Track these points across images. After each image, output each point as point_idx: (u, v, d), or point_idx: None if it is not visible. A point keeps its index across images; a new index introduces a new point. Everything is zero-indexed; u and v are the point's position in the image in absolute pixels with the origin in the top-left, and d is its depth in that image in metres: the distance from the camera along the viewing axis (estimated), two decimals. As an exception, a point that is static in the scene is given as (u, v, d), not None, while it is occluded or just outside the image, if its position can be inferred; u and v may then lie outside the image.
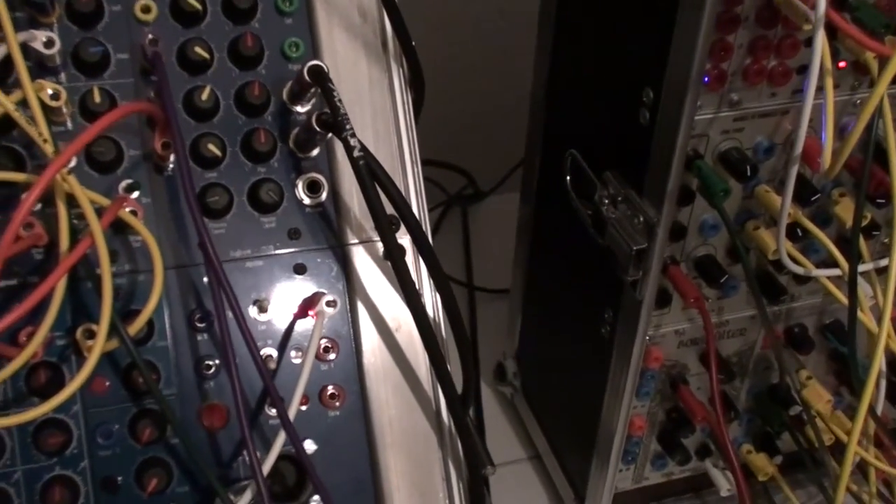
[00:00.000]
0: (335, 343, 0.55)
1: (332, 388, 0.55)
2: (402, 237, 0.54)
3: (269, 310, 0.54)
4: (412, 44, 0.58)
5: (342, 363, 0.55)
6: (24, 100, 0.48)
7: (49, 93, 0.50)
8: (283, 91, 0.55)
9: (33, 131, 0.46)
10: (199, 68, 0.54)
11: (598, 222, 0.64)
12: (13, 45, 0.47)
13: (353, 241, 0.56)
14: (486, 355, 0.96)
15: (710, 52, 0.53)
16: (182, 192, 0.51)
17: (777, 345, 0.68)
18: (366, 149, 0.50)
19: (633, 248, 0.59)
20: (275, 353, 0.54)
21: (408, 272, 0.51)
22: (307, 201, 0.56)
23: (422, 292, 0.57)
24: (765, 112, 0.58)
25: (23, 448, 0.50)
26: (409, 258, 0.56)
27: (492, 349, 0.95)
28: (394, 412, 0.56)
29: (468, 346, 0.56)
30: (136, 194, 0.53)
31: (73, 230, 0.48)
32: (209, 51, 0.54)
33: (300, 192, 0.56)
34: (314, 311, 0.54)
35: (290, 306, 0.55)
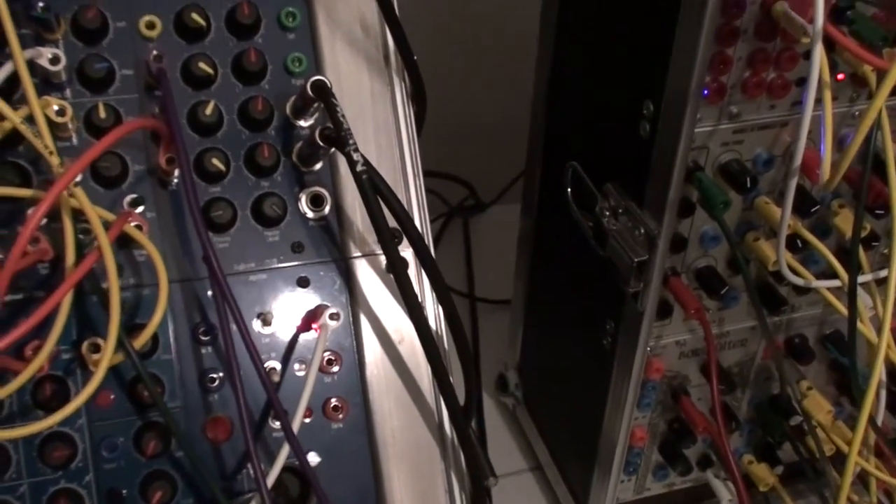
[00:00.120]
0: (338, 356, 0.55)
1: (335, 401, 0.55)
2: (404, 250, 0.55)
3: (273, 323, 0.55)
4: (414, 58, 0.58)
5: (345, 376, 0.56)
6: (31, 116, 0.48)
7: (55, 109, 0.50)
8: (287, 106, 0.56)
9: (40, 144, 0.46)
10: (202, 84, 0.55)
11: (599, 234, 0.64)
12: (20, 63, 0.47)
13: (356, 254, 0.57)
14: (487, 366, 0.96)
15: (710, 65, 0.54)
16: (187, 207, 0.52)
17: (777, 355, 0.69)
18: (368, 163, 0.50)
19: (635, 260, 0.60)
20: (278, 365, 0.54)
21: (410, 285, 0.51)
22: (310, 215, 0.56)
23: (424, 305, 0.57)
24: (764, 124, 0.58)
25: (28, 461, 0.51)
26: (411, 270, 0.56)
27: (493, 360, 0.95)
28: (396, 424, 0.56)
29: (470, 358, 0.56)
30: (140, 209, 0.53)
31: (78, 245, 0.48)
32: (213, 66, 0.55)
33: (303, 206, 0.56)
34: (317, 324, 0.54)
35: (294, 319, 0.55)
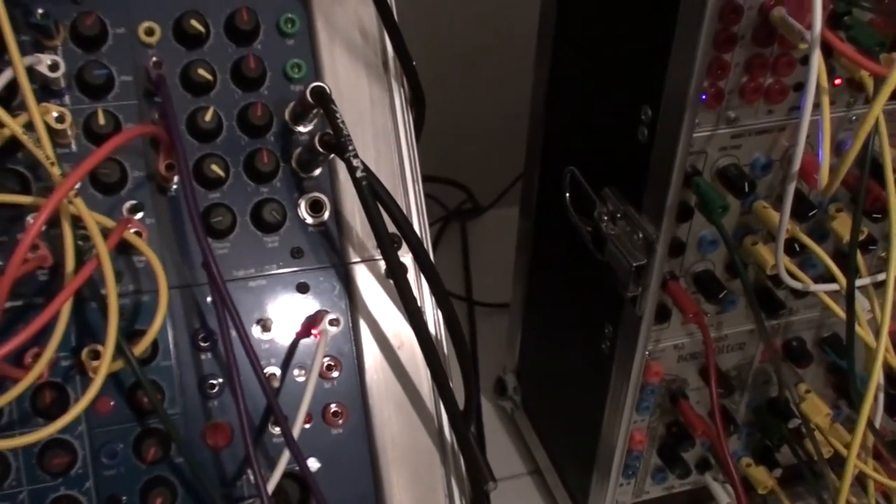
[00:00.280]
0: (338, 361, 0.55)
1: (335, 406, 0.55)
2: (403, 255, 0.55)
3: (273, 329, 0.55)
4: (413, 63, 0.58)
5: (345, 381, 0.56)
6: (30, 122, 0.48)
7: (54, 115, 0.50)
8: (286, 112, 0.56)
9: (41, 154, 0.46)
10: (202, 90, 0.55)
11: (597, 238, 0.64)
12: (20, 70, 0.47)
13: (356, 259, 0.57)
14: (485, 370, 0.96)
15: (708, 71, 0.54)
16: (186, 213, 0.52)
17: (776, 358, 0.69)
18: (368, 169, 0.50)
19: (633, 265, 0.60)
20: (278, 371, 0.54)
21: (410, 290, 0.51)
22: (309, 220, 0.56)
23: (423, 309, 0.57)
24: (762, 129, 0.58)
25: (28, 468, 0.51)
26: (410, 275, 0.56)
27: (491, 364, 0.95)
28: (396, 429, 0.56)
29: (470, 363, 0.56)
30: (140, 215, 0.53)
31: (78, 251, 0.48)
32: (212, 72, 0.55)
33: (302, 212, 0.56)
34: (317, 330, 0.54)
35: (293, 325, 0.55)
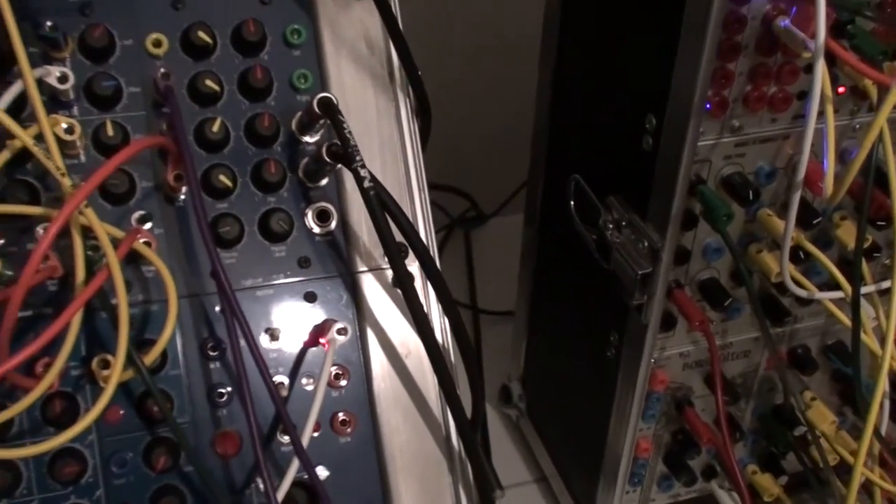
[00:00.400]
0: (346, 370, 0.56)
1: (343, 415, 0.55)
2: (410, 264, 0.55)
3: (281, 338, 0.55)
4: (418, 73, 0.59)
5: (353, 390, 0.56)
6: (40, 134, 0.48)
7: (64, 127, 0.50)
8: (293, 122, 0.56)
9: (51, 165, 0.46)
10: (209, 100, 0.55)
11: (602, 247, 0.64)
12: (30, 82, 0.47)
13: (363, 268, 0.57)
14: (490, 378, 0.95)
15: (712, 80, 0.54)
16: (195, 223, 0.52)
17: (781, 366, 0.69)
18: (375, 179, 0.51)
19: (638, 273, 0.60)
20: (286, 380, 0.55)
21: (417, 299, 0.52)
22: (317, 230, 0.56)
23: (430, 318, 0.57)
24: (766, 137, 0.59)
25: (39, 478, 0.51)
26: (416, 284, 0.56)
27: (496, 371, 0.95)
28: (404, 437, 0.56)
29: (477, 371, 0.56)
30: (148, 225, 0.53)
31: (88, 262, 0.48)
32: (219, 83, 0.55)
33: (310, 222, 0.56)
34: (325, 339, 0.55)
35: (301, 334, 0.55)
